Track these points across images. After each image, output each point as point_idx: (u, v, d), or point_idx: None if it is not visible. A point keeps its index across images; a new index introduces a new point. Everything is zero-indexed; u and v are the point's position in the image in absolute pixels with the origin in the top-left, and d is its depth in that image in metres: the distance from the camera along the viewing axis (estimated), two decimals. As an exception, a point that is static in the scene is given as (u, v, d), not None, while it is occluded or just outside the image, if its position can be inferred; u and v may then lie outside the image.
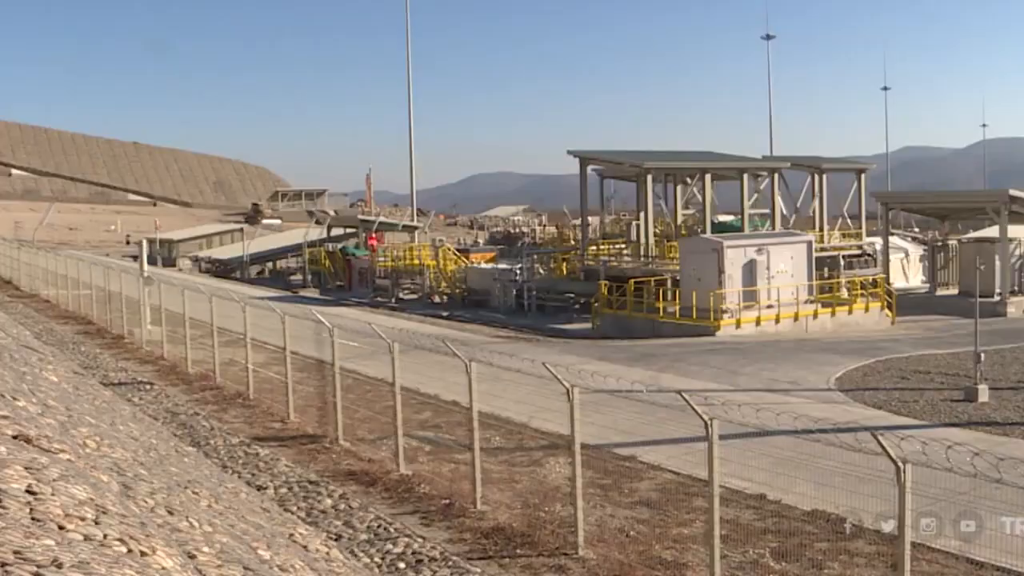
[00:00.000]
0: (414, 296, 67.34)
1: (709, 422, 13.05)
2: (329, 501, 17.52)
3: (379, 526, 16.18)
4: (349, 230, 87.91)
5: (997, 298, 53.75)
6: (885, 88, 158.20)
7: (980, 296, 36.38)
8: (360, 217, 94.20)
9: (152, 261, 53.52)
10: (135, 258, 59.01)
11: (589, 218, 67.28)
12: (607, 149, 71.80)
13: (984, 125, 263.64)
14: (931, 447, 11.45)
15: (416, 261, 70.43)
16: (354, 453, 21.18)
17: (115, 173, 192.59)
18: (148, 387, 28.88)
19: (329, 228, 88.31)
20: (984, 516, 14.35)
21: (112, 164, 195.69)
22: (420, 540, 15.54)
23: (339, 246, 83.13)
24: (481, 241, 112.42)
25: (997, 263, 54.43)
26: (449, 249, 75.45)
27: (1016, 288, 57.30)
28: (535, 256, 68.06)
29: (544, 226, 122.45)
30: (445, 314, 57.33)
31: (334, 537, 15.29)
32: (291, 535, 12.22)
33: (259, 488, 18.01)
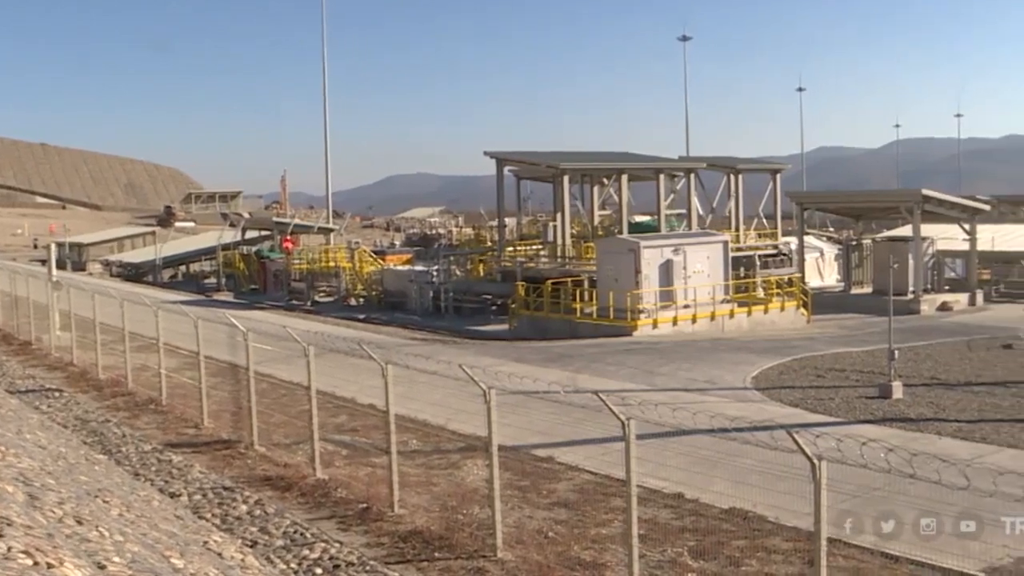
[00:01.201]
0: (330, 299, 66.85)
1: (626, 422, 13.04)
2: (244, 507, 17.30)
3: (295, 532, 16.00)
4: (264, 232, 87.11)
5: (910, 296, 54.58)
6: (800, 89, 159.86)
7: (894, 294, 36.88)
8: (275, 219, 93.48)
9: (61, 265, 52.70)
10: (43, 262, 57.96)
11: (506, 219, 67.18)
12: (524, 150, 71.86)
13: (897, 126, 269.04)
14: (846, 444, 11.55)
15: (332, 263, 69.94)
16: (269, 458, 20.95)
17: (21, 175, 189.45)
18: (57, 394, 28.37)
19: (244, 230, 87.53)
20: (901, 512, 14.51)
21: (18, 166, 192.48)
22: (337, 545, 15.39)
23: (254, 249, 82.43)
24: (398, 243, 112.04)
25: (910, 262, 55.26)
26: (365, 251, 75.09)
27: (929, 286, 58.26)
28: (452, 258, 67.89)
29: (461, 227, 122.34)
30: (361, 317, 56.97)
31: (249, 544, 15.10)
32: (205, 543, 12.04)
33: (172, 495, 17.76)
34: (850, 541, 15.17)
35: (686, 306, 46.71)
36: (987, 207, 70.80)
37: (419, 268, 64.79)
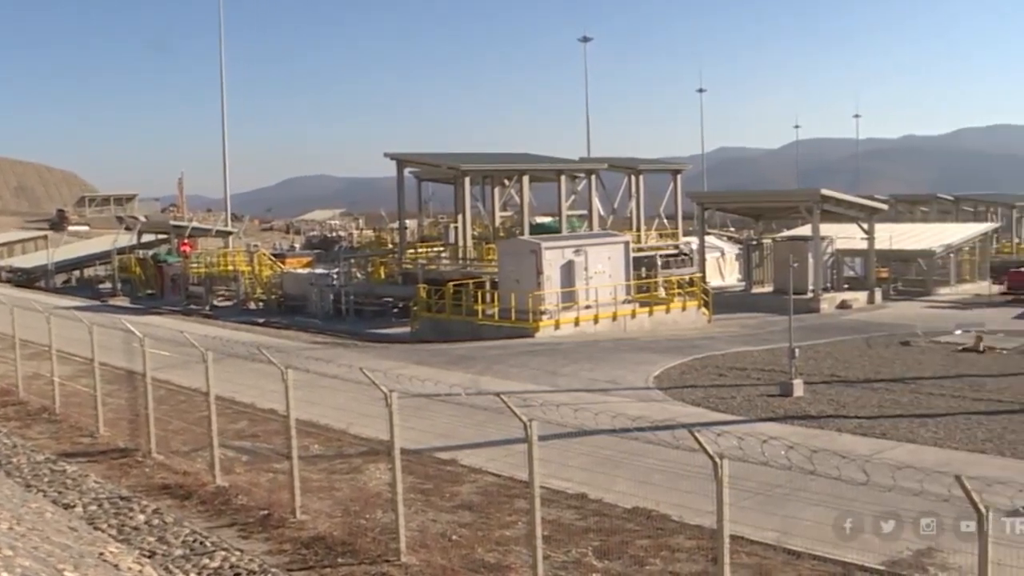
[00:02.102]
0: (229, 303, 66.12)
1: (528, 423, 12.97)
2: (142, 517, 16.93)
3: (195, 541, 15.69)
4: (161, 236, 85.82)
5: (810, 295, 55.42)
6: (701, 90, 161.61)
7: (794, 293, 37.34)
8: (172, 222, 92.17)
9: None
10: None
11: (407, 221, 67.01)
12: (425, 152, 71.68)
13: (797, 126, 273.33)
14: (747, 442, 11.60)
15: (230, 267, 69.13)
16: (168, 466, 20.56)
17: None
18: (-60, 407, 27.58)
19: (140, 234, 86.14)
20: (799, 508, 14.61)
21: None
22: (238, 553, 15.12)
23: (150, 253, 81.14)
24: (297, 246, 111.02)
25: (810, 261, 56.14)
26: (264, 254, 74.30)
27: (829, 285, 59.16)
28: (352, 260, 67.60)
29: (361, 230, 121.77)
30: (261, 321, 56.37)
31: (147, 554, 14.79)
32: (101, 554, 11.76)
33: (66, 507, 17.33)
34: (752, 538, 15.29)
35: (588, 307, 46.87)
36: (885, 206, 72.28)
37: (319, 271, 64.37)
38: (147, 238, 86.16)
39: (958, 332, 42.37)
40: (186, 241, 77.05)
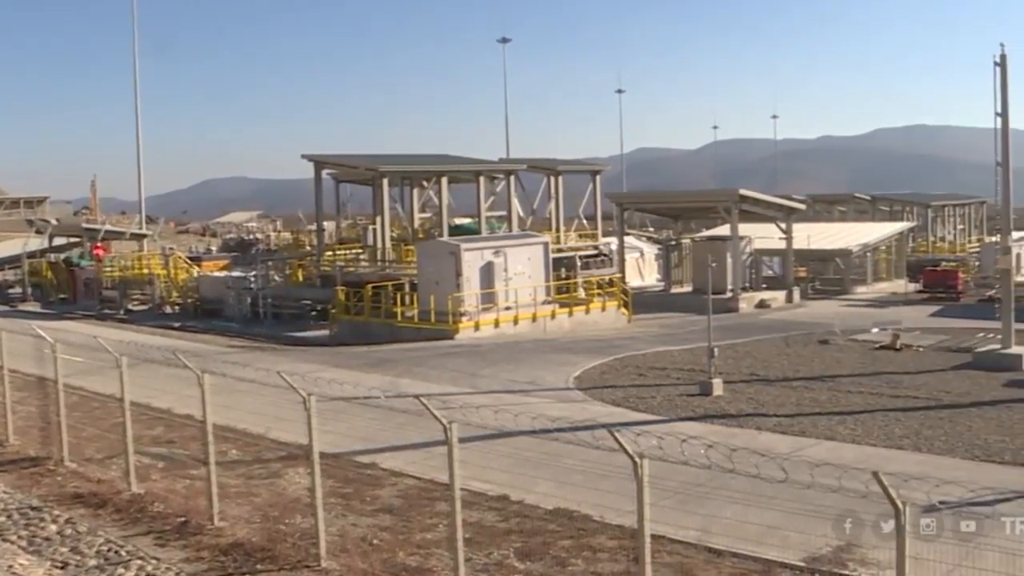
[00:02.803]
0: (144, 307, 65.01)
1: (448, 426, 12.88)
2: (54, 527, 16.58)
3: (110, 550, 15.40)
4: (73, 239, 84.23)
5: (729, 295, 55.81)
6: (620, 91, 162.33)
7: (712, 293, 37.54)
8: (84, 225, 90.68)
9: None
10: None
11: (325, 223, 66.51)
12: (343, 153, 71.18)
13: (715, 127, 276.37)
14: (667, 441, 11.62)
15: (145, 271, 68.17)
16: (81, 474, 20.17)
17: None
18: None
19: (51, 237, 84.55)
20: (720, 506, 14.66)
21: None
22: (154, 562, 14.88)
23: (62, 256, 79.64)
24: (214, 248, 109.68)
25: (729, 261, 56.57)
26: (180, 257, 73.35)
27: (747, 284, 59.65)
28: (270, 263, 66.98)
29: (279, 232, 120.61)
30: (177, 325, 55.59)
31: (60, 565, 14.51)
32: (10, 567, 11.49)
33: (-28, 519, 16.93)
34: (674, 537, 15.33)
35: (508, 308, 46.85)
36: (802, 206, 73.03)
37: (236, 274, 63.66)
38: (59, 241, 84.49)
39: (875, 330, 42.93)
40: (99, 244, 75.80)
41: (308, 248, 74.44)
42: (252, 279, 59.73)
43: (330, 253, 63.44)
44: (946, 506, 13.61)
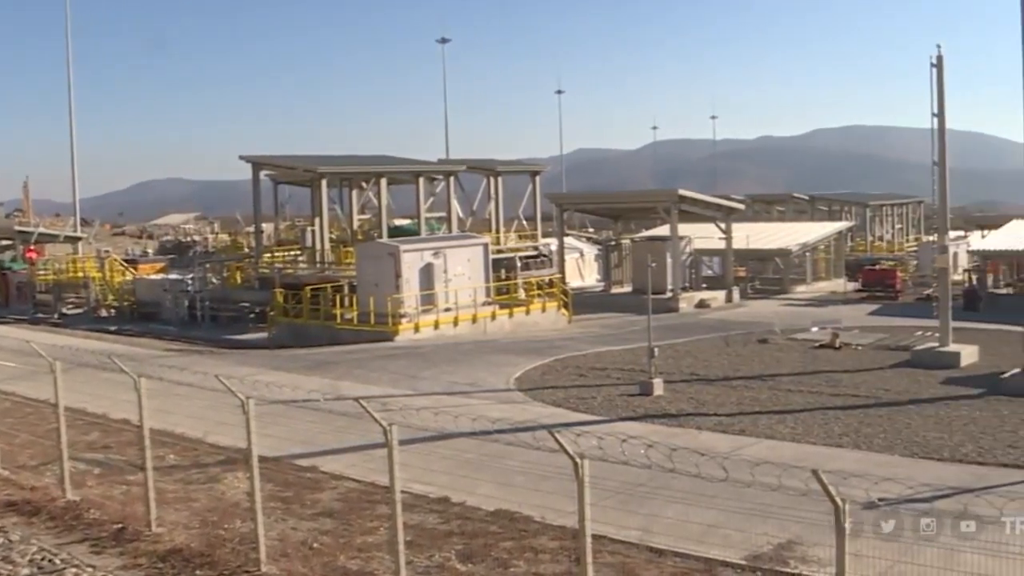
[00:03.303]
0: (79, 311, 64.22)
1: (388, 428, 12.79)
2: (-15, 536, 16.28)
3: (43, 559, 15.15)
4: (5, 242, 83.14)
5: (669, 294, 56.06)
6: (559, 92, 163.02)
7: (653, 293, 37.71)
8: (17, 228, 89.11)
9: None
10: None
11: (263, 225, 66.11)
12: (282, 154, 70.76)
13: (655, 127, 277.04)
14: (607, 442, 11.61)
15: (80, 274, 67.44)
16: (14, 482, 19.81)
17: None
18: None
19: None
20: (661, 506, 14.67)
21: None
22: (90, 570, 14.67)
23: (-6, 260, 78.58)
24: (151, 251, 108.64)
25: (668, 261, 56.82)
26: (116, 260, 72.66)
27: (687, 284, 59.89)
28: (207, 265, 66.40)
29: (217, 234, 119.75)
30: (113, 329, 54.96)
31: (-9, 575, 14.24)
32: (-60, 577, 11.24)
33: (-101, 530, 16.57)
34: (615, 537, 15.32)
35: (448, 309, 46.78)
36: (742, 206, 73.57)
37: (174, 277, 63.03)
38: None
39: (815, 329, 43.27)
40: (32, 247, 74.84)
41: (246, 250, 73.90)
42: (189, 282, 59.17)
43: (268, 255, 63.12)
44: (884, 503, 13.73)
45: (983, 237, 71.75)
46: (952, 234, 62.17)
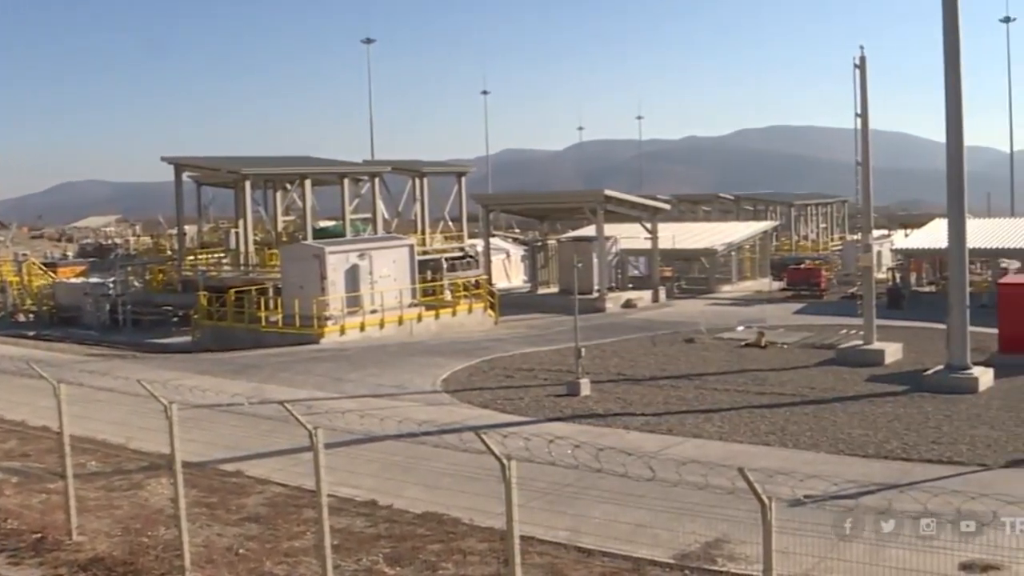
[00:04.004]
0: (-4, 316, 63.18)
1: (313, 431, 12.65)
2: None
3: (-41, 571, 14.83)
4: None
5: (596, 295, 56.26)
6: (485, 92, 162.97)
7: (580, 293, 37.80)
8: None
9: None
10: None
11: (186, 227, 65.42)
12: (205, 155, 70.07)
13: (580, 128, 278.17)
14: (534, 442, 11.58)
15: (-3, 278, 66.24)
16: (-74, 493, 19.38)
17: None
18: None
19: None
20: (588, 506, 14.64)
21: None
22: (8, 581, 14.37)
23: (-93, 265, 77.06)
24: (70, 254, 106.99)
25: (595, 261, 56.99)
26: (35, 263, 71.49)
27: (614, 284, 60.15)
28: (129, 268, 65.50)
29: (138, 236, 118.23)
30: (32, 334, 54.05)
31: (-97, 589, 13.90)
32: None
33: None
34: (544, 538, 15.29)
35: (373, 311, 46.63)
36: (667, 206, 74.01)
37: (94, 280, 62.08)
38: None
39: (740, 328, 43.63)
40: (-52, 252, 73.46)
41: (169, 252, 73.02)
42: (111, 285, 58.40)
43: (192, 257, 62.43)
44: (811, 500, 13.83)
45: (906, 236, 72.91)
46: (876, 233, 62.81)
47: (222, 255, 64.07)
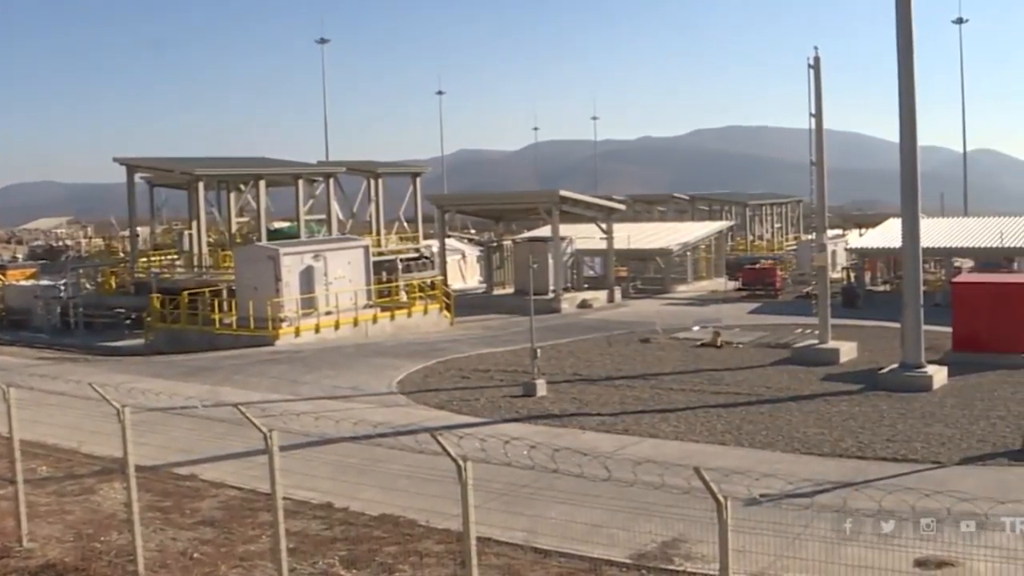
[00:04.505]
0: (-56, 319, 62.36)
1: (268, 434, 12.56)
2: None
3: (-94, 579, 14.61)
4: None
5: (551, 295, 56.30)
6: (440, 92, 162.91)
7: (535, 294, 37.81)
8: None
9: None
10: None
11: (139, 228, 64.85)
12: (158, 156, 69.57)
13: (536, 129, 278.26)
14: (490, 443, 11.58)
15: (-55, 281, 65.46)
16: None
17: None
18: None
19: None
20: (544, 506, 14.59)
21: None
22: (-43, 589, 14.17)
23: None
24: (20, 256, 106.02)
25: (550, 261, 57.05)
26: (-17, 266, 70.69)
27: (569, 285, 60.19)
28: (81, 270, 64.90)
29: (90, 238, 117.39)
30: (-20, 338, 53.44)
31: None
32: None
33: None
34: (500, 539, 15.26)
35: (328, 312, 46.42)
36: (623, 207, 74.27)
37: (45, 283, 61.44)
38: None
39: (696, 328, 43.79)
40: None
41: (121, 255, 72.51)
42: (62, 288, 57.85)
43: (144, 259, 61.91)
44: (766, 499, 13.87)
45: (861, 235, 73.48)
46: (830, 233, 63.44)
47: (175, 257, 63.62)
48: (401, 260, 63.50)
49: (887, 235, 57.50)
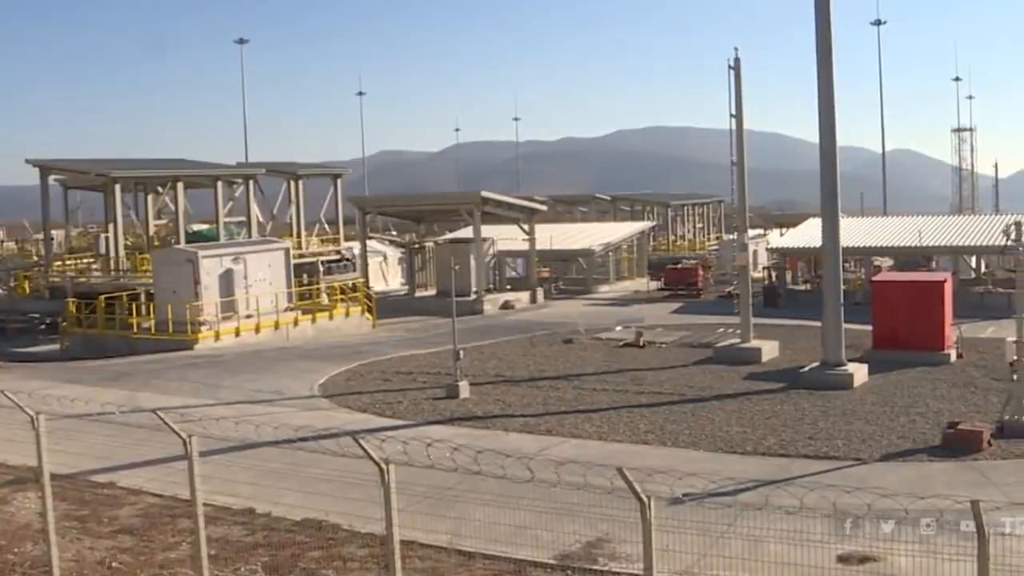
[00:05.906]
0: None
1: (188, 439, 12.39)
2: None
3: None
4: None
5: (474, 296, 56.24)
6: (360, 93, 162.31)
7: (457, 295, 37.73)
8: None
9: None
10: None
11: (53, 231, 63.96)
12: (72, 158, 68.62)
13: (457, 130, 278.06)
14: (412, 446, 11.54)
15: None
16: None
17: None
18: None
19: None
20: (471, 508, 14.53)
21: None
22: None
23: None
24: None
25: (472, 263, 57.03)
26: None
27: (492, 286, 60.18)
28: (-7, 275, 63.81)
29: (2, 241, 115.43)
30: None
31: None
32: None
33: None
34: (424, 542, 15.18)
35: (249, 316, 45.99)
36: (544, 207, 74.37)
37: (-43, 289, 60.40)
38: None
39: (619, 328, 43.95)
40: None
41: (35, 258, 71.37)
42: (-27, 292, 56.82)
43: (59, 263, 61.07)
44: (690, 498, 13.91)
45: (782, 235, 74.31)
46: (751, 232, 64.02)
47: (92, 260, 62.79)
48: (322, 262, 63.21)
49: (807, 235, 58.09)
